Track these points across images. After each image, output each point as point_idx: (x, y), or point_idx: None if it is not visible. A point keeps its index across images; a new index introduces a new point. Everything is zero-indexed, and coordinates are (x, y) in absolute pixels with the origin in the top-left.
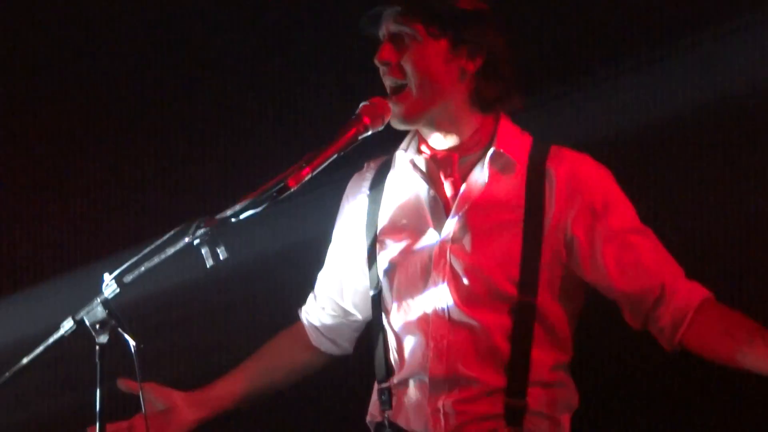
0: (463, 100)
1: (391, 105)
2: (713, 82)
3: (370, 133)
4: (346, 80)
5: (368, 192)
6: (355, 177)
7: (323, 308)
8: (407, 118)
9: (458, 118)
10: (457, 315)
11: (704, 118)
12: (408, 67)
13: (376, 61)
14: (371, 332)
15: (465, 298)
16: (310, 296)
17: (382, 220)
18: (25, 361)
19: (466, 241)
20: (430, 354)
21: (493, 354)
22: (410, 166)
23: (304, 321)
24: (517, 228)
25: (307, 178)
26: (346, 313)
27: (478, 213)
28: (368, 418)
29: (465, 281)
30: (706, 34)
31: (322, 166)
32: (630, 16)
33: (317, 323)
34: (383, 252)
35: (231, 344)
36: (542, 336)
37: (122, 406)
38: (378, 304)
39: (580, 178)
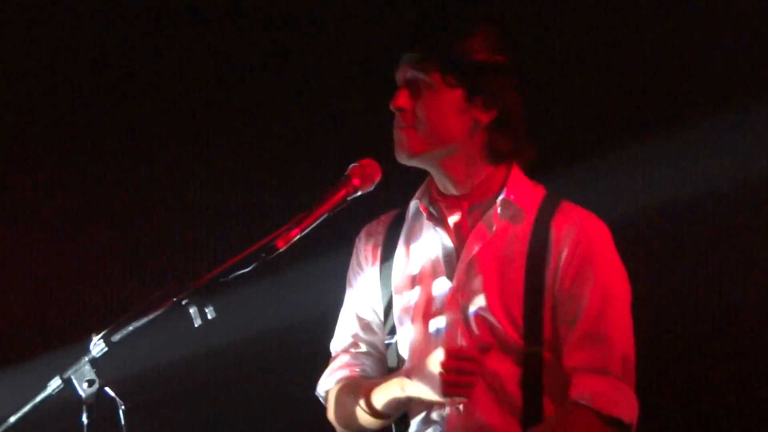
0: (476, 151)
1: (396, 136)
2: None
3: (359, 194)
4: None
5: (381, 244)
6: (367, 230)
7: (368, 356)
8: (411, 151)
9: (469, 166)
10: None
11: None
12: (421, 114)
13: (392, 107)
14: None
15: (477, 345)
16: (342, 360)
17: (397, 271)
18: (12, 420)
19: (475, 290)
20: (447, 406)
21: (508, 402)
22: (425, 213)
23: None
24: (520, 282)
25: (295, 239)
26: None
27: (486, 262)
28: None
29: (475, 330)
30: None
31: (311, 227)
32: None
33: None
34: (399, 302)
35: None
36: (552, 385)
37: None
38: (394, 352)
39: (574, 236)
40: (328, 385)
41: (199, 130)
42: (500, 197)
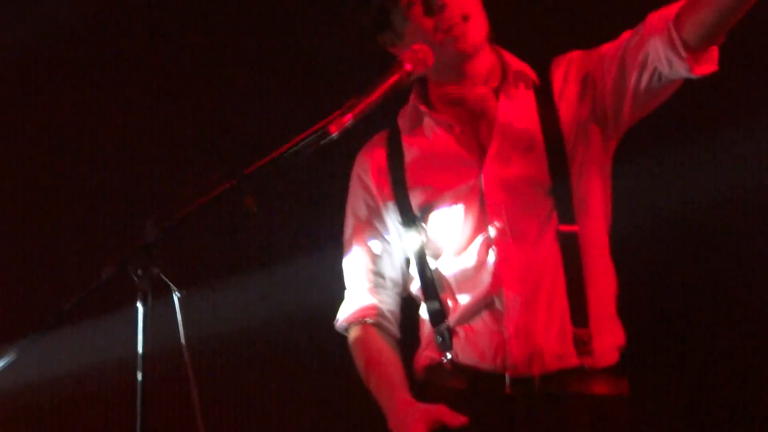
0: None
1: (457, 32)
2: None
3: (411, 79)
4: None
5: (385, 154)
6: (364, 151)
7: (384, 290)
8: (474, 48)
9: (483, 51)
10: (520, 232)
11: None
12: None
13: (438, 5)
14: (413, 287)
15: (523, 215)
16: (361, 295)
17: (411, 173)
18: (67, 306)
19: (510, 162)
20: (501, 277)
21: (556, 268)
22: (426, 113)
23: (384, 314)
24: (542, 148)
25: (348, 124)
26: (397, 284)
27: (515, 131)
28: (422, 363)
29: (518, 199)
30: None
31: (364, 113)
32: None
33: (388, 309)
34: (419, 198)
35: None
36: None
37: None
38: (421, 254)
39: (567, 58)
40: (348, 320)
41: None
42: (511, 71)
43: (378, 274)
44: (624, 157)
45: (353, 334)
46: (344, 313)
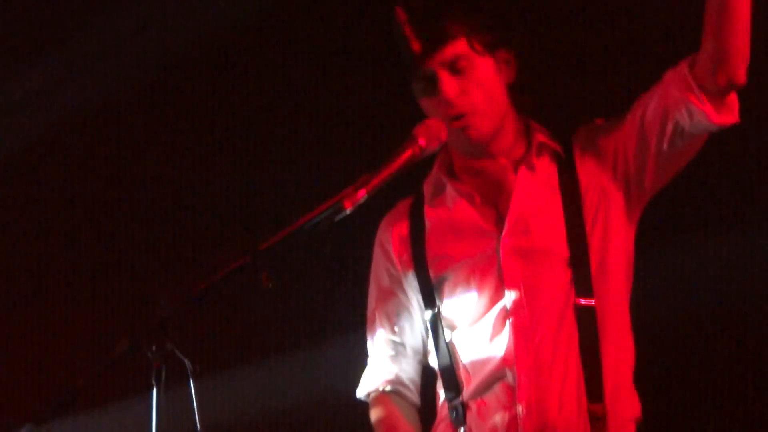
0: (510, 113)
1: (462, 127)
2: None
3: (425, 155)
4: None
5: (407, 224)
6: (387, 219)
7: (404, 358)
8: (483, 139)
9: (506, 127)
10: (535, 305)
11: None
12: (472, 93)
13: (449, 98)
14: (431, 360)
15: (539, 288)
16: (382, 364)
17: (430, 243)
18: (81, 383)
19: (527, 235)
20: (514, 349)
21: (570, 342)
22: (448, 184)
23: (404, 383)
24: (562, 224)
25: (362, 200)
26: (418, 353)
27: (533, 205)
28: None
29: (534, 273)
30: None
31: (378, 188)
32: None
33: (408, 378)
34: (438, 267)
35: None
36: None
37: None
38: (436, 325)
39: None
40: (368, 388)
41: None
42: (535, 142)
43: (398, 343)
44: (649, 236)
45: (373, 403)
46: (365, 382)
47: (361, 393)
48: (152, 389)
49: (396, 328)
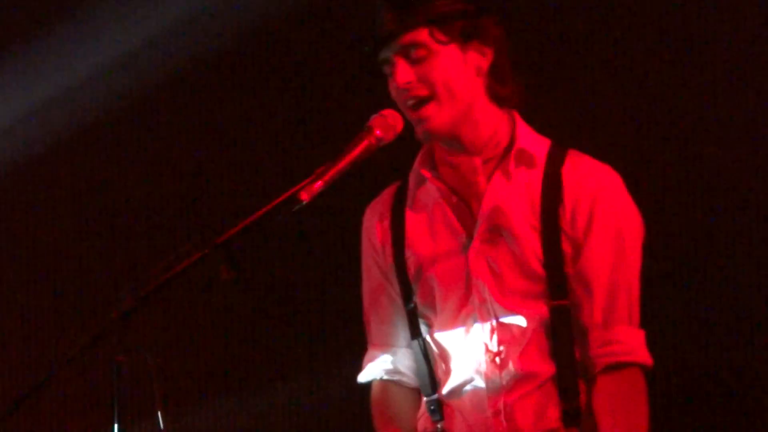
0: (483, 104)
1: (416, 116)
2: None
3: (381, 145)
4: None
5: (389, 214)
6: (371, 208)
7: (399, 348)
8: (440, 129)
9: (479, 120)
10: (502, 313)
11: None
12: (431, 81)
13: (398, 85)
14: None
15: (507, 295)
16: (377, 354)
17: (408, 237)
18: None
19: (498, 241)
20: (484, 357)
21: (541, 349)
22: (428, 179)
23: (400, 371)
24: (537, 233)
25: (319, 192)
26: (408, 338)
27: (504, 213)
28: (419, 431)
29: (503, 279)
30: None
31: (334, 179)
32: None
33: (404, 364)
34: (413, 264)
35: None
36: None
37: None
38: (415, 318)
39: (588, 190)
40: (365, 376)
41: None
42: (515, 147)
43: (391, 331)
44: None
45: (372, 390)
46: (363, 368)
47: (362, 379)
48: (115, 383)
49: (388, 316)
